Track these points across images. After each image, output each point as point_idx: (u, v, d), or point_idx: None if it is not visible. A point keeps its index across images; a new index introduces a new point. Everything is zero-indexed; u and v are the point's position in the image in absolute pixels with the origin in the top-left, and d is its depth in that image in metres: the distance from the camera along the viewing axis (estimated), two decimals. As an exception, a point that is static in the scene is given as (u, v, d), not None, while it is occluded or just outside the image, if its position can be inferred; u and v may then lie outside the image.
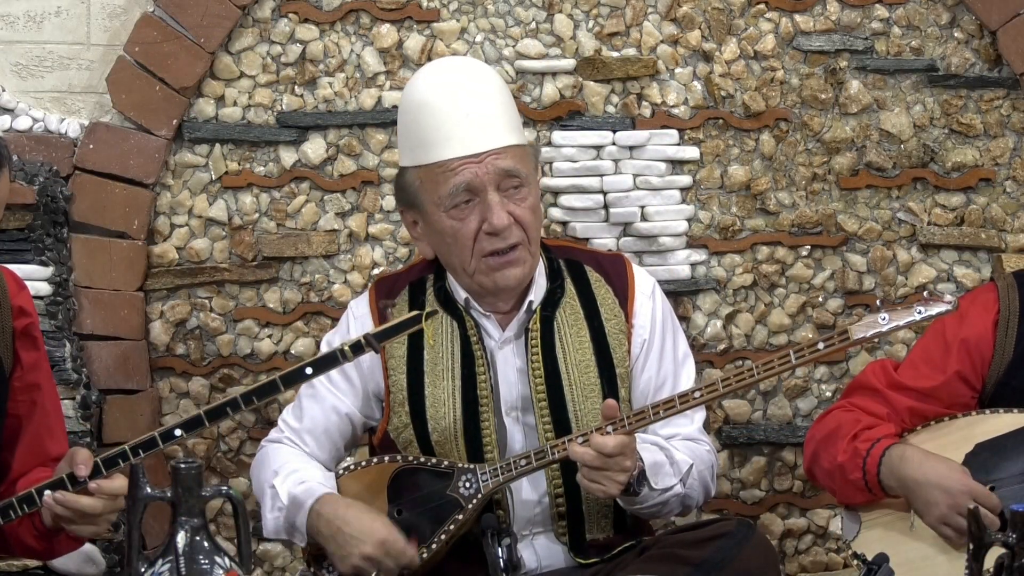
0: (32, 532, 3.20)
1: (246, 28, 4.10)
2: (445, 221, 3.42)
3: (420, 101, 3.45)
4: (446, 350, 3.48)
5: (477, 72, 3.51)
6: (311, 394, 3.57)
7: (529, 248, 3.44)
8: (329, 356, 3.02)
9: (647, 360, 3.54)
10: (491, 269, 3.42)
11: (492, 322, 3.50)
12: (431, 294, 3.52)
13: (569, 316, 3.50)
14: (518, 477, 3.38)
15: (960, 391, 3.54)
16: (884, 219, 4.21)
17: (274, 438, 3.59)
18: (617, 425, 3.28)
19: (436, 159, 3.41)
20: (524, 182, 3.42)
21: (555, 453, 3.34)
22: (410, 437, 3.48)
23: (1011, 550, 2.67)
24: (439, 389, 3.47)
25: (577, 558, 3.46)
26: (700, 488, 3.50)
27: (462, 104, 3.41)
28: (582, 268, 3.56)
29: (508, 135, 3.43)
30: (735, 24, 4.16)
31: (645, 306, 3.55)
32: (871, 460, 3.44)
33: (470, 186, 3.39)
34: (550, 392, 3.46)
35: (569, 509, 3.46)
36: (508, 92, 3.52)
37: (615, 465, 3.27)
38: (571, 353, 3.48)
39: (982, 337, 3.53)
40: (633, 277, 3.57)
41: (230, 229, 4.13)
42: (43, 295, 3.96)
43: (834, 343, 3.28)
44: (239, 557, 2.85)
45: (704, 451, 3.54)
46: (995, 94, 4.18)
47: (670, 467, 3.41)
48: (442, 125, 3.41)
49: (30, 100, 4.08)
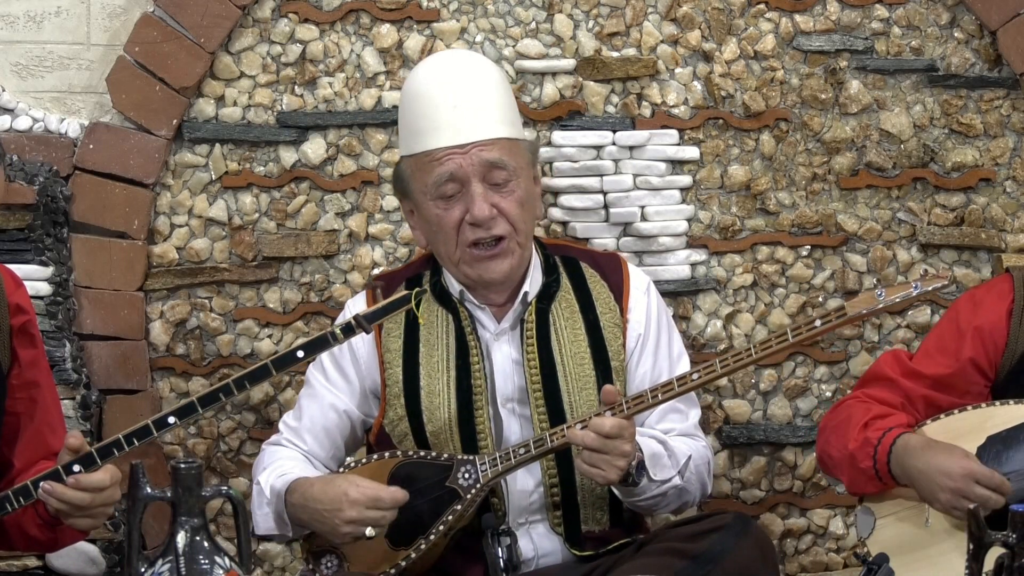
0: (36, 521, 3.20)
1: (246, 28, 4.10)
2: (432, 210, 3.46)
3: (414, 91, 3.49)
4: (441, 342, 3.50)
5: (473, 64, 3.53)
6: (309, 394, 3.59)
7: (517, 239, 3.45)
8: (320, 339, 3.01)
9: (643, 354, 3.55)
10: (475, 260, 3.45)
11: (487, 314, 3.52)
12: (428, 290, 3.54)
13: (564, 309, 3.52)
14: (517, 467, 3.39)
15: (973, 379, 3.55)
16: (884, 219, 4.21)
17: (274, 440, 3.61)
18: (616, 410, 3.29)
19: (423, 148, 3.45)
20: (512, 175, 3.44)
21: (553, 441, 3.35)
22: (405, 430, 3.49)
23: (1011, 550, 2.68)
24: (435, 381, 3.48)
25: (573, 550, 3.47)
26: (697, 484, 3.51)
27: (452, 95, 3.44)
28: (577, 264, 3.59)
29: (497, 127, 3.44)
30: (735, 24, 4.16)
31: (640, 301, 3.58)
32: (882, 449, 3.45)
33: (454, 176, 3.42)
34: (545, 383, 3.47)
35: (564, 498, 3.47)
36: (505, 85, 3.54)
37: (614, 448, 3.27)
38: (566, 345, 3.50)
39: (996, 326, 3.54)
40: (628, 274, 3.60)
41: (230, 229, 4.13)
42: (43, 295, 3.96)
43: (831, 320, 3.28)
44: (239, 557, 2.86)
45: (700, 447, 3.55)
46: (995, 94, 4.18)
47: (668, 459, 3.43)
48: (431, 115, 3.44)
49: (30, 100, 4.08)
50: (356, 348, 3.54)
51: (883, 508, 3.54)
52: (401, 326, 3.53)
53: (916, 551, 3.44)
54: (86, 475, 3.03)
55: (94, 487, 3.05)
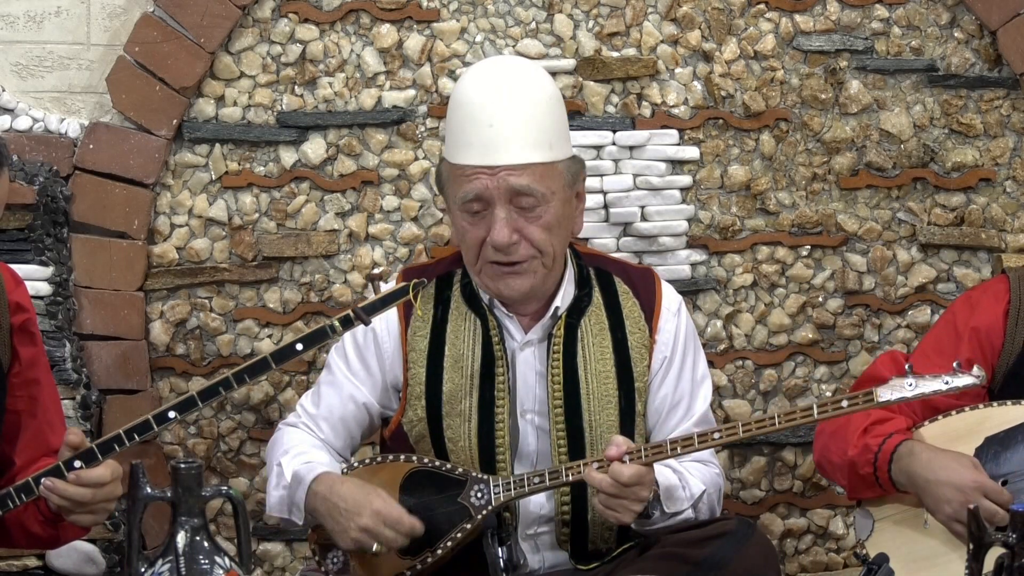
0: (38, 518, 3.20)
1: (246, 28, 4.10)
2: (459, 221, 3.43)
3: (459, 99, 3.43)
4: (467, 347, 3.48)
5: (519, 79, 3.44)
6: (330, 380, 3.57)
7: (543, 260, 3.41)
8: (318, 331, 3.00)
9: (665, 377, 3.52)
10: (495, 275, 3.41)
11: (515, 323, 3.49)
12: (457, 290, 3.51)
13: (594, 325, 3.49)
14: (530, 494, 3.37)
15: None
16: (884, 219, 4.21)
17: (291, 422, 3.59)
18: (634, 456, 3.28)
19: (456, 161, 3.41)
20: (540, 201, 3.37)
21: (569, 476, 3.32)
22: (423, 432, 3.48)
23: (1011, 550, 2.67)
24: (456, 386, 3.46)
25: (579, 565, 3.46)
26: (707, 512, 3.49)
27: (490, 112, 3.37)
28: (611, 279, 3.54)
29: (530, 152, 3.37)
30: (735, 24, 4.16)
31: (670, 323, 3.53)
32: (882, 456, 3.44)
33: (480, 196, 3.37)
34: (567, 399, 3.45)
35: (574, 518, 3.46)
36: (552, 103, 3.44)
37: (631, 495, 3.26)
38: (592, 362, 3.47)
39: (992, 327, 3.53)
40: (661, 293, 3.55)
41: (230, 229, 4.13)
42: (43, 295, 3.95)
43: (858, 403, 3.30)
44: (239, 557, 2.86)
45: (714, 474, 3.53)
46: (995, 94, 4.18)
47: (683, 491, 3.41)
48: (468, 129, 3.39)
49: (30, 100, 4.08)
50: (382, 342, 3.52)
51: (882, 510, 3.54)
52: (428, 326, 3.50)
53: (915, 552, 3.44)
54: (87, 471, 3.03)
55: (95, 483, 3.05)
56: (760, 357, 4.22)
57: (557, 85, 4.13)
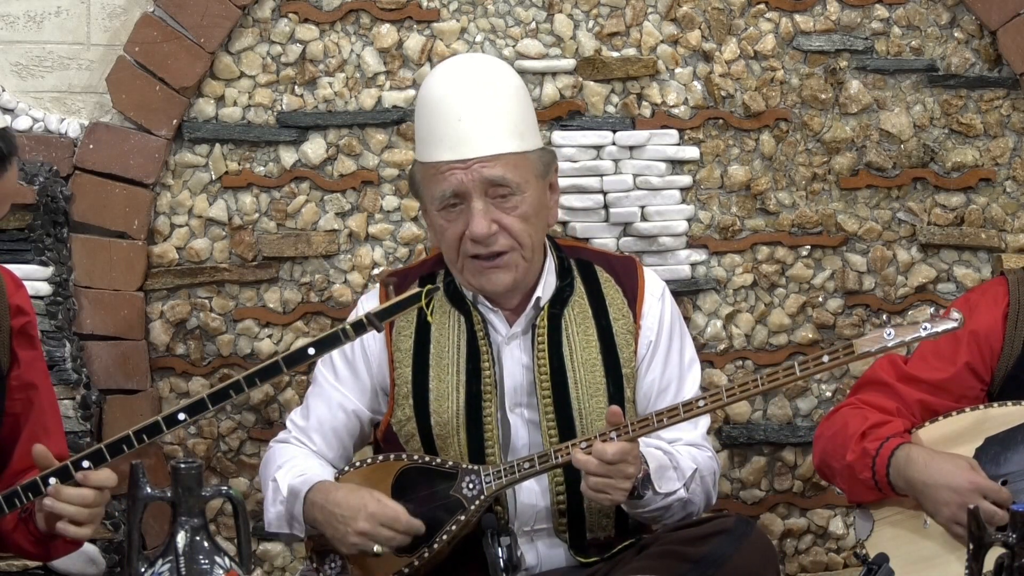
0: (28, 538, 3.20)
1: (246, 28, 4.10)
2: (437, 220, 3.45)
3: (425, 97, 3.47)
4: (452, 344, 3.49)
5: (485, 73, 3.48)
6: (317, 393, 3.58)
7: (521, 253, 3.43)
8: (331, 336, 2.99)
9: (652, 362, 3.53)
10: (477, 271, 3.43)
11: (499, 317, 3.50)
12: (441, 289, 3.52)
13: (577, 315, 3.50)
14: (521, 480, 3.38)
15: (969, 383, 3.54)
16: (884, 219, 4.21)
17: (281, 438, 3.60)
18: (621, 431, 3.28)
19: (429, 159, 3.44)
20: (515, 191, 3.40)
21: (558, 457, 3.33)
22: (412, 430, 3.49)
23: (1011, 550, 2.68)
24: (443, 383, 3.47)
25: (578, 556, 3.46)
26: (702, 495, 3.50)
27: (458, 106, 3.40)
28: (592, 268, 3.56)
29: (502, 142, 3.40)
30: (735, 24, 4.16)
31: (654, 308, 3.55)
32: (880, 460, 3.44)
33: (456, 191, 3.40)
34: (555, 389, 3.46)
35: (570, 506, 3.46)
36: (519, 94, 3.48)
37: (617, 472, 3.27)
38: (577, 351, 3.48)
39: (991, 329, 3.53)
40: (643, 279, 3.57)
41: (230, 229, 4.13)
42: (43, 295, 3.96)
43: (839, 356, 3.29)
44: (239, 557, 2.86)
45: (707, 457, 3.53)
46: (995, 94, 4.19)
47: (674, 471, 3.42)
48: (437, 126, 3.42)
49: (30, 100, 4.08)
50: (368, 346, 3.53)
51: (882, 511, 3.54)
52: (412, 325, 3.51)
53: (915, 552, 3.44)
54: (95, 472, 3.02)
55: (100, 484, 3.04)
56: (760, 357, 4.22)
57: (557, 85, 4.15)
